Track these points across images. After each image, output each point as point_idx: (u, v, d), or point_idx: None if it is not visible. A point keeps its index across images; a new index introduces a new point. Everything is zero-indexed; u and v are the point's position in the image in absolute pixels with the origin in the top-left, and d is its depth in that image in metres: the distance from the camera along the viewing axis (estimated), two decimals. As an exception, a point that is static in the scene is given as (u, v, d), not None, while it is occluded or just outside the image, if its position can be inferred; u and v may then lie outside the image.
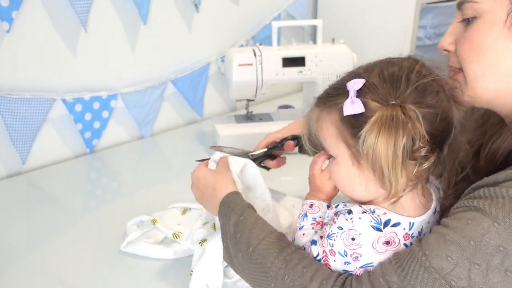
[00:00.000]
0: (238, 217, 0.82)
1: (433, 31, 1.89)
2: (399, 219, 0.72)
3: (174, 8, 1.64)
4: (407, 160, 0.67)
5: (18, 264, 1.07)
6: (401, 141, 0.65)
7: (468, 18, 0.73)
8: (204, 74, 1.76)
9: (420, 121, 0.66)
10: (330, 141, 0.75)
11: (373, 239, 0.71)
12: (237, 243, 0.81)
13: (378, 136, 0.66)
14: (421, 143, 0.67)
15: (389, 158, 0.66)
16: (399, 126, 0.66)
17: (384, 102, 0.68)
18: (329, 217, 0.78)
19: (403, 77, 0.69)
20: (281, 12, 1.90)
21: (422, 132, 0.66)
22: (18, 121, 1.38)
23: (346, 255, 0.72)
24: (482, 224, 0.64)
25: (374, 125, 0.66)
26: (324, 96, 0.76)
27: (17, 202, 1.31)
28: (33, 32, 1.37)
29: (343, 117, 0.70)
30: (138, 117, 1.64)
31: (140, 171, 1.49)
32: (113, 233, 1.15)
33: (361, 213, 0.72)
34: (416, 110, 0.66)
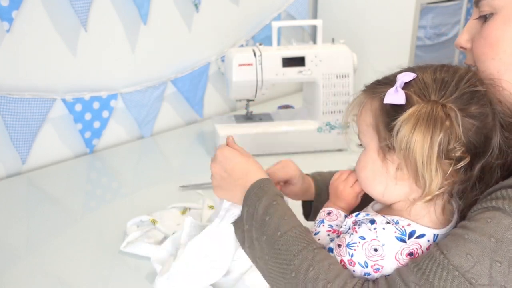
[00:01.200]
0: (271, 201, 0.80)
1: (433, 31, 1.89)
2: (423, 230, 0.70)
3: (174, 8, 1.64)
4: (442, 158, 0.66)
5: (18, 264, 1.07)
6: (437, 137, 0.64)
7: (485, 15, 0.73)
8: (204, 74, 1.76)
9: (459, 122, 0.65)
10: (365, 129, 0.74)
11: (397, 251, 0.69)
12: (264, 225, 0.78)
13: (414, 128, 0.65)
14: (457, 144, 0.65)
15: (424, 151, 0.65)
16: (438, 121, 0.64)
17: (426, 98, 0.67)
18: (347, 226, 0.76)
19: (453, 82, 0.68)
20: (281, 12, 1.90)
21: (459, 133, 0.65)
22: (18, 121, 1.38)
23: (367, 266, 0.70)
24: (502, 221, 0.63)
25: (412, 116, 0.65)
26: (373, 83, 0.75)
27: (17, 202, 1.31)
28: (33, 32, 1.37)
29: (383, 105, 0.69)
30: (138, 117, 1.64)
31: (140, 171, 1.49)
32: (113, 233, 1.15)
33: (385, 223, 0.70)
34: (457, 111, 0.65)
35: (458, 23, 1.96)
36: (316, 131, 1.55)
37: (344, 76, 1.51)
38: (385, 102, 0.69)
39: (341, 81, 1.51)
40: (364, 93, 0.75)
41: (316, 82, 1.52)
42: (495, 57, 0.72)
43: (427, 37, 1.89)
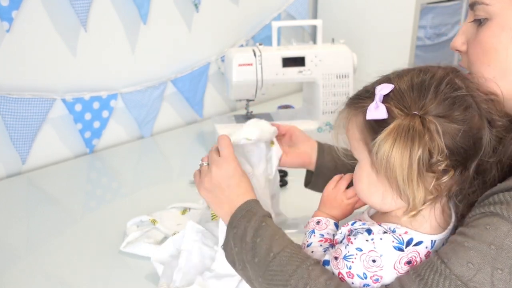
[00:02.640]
0: (260, 222, 0.80)
1: (433, 31, 1.89)
2: (421, 237, 0.70)
3: (174, 8, 1.64)
4: (424, 173, 0.65)
5: (18, 264, 1.07)
6: (416, 153, 0.63)
7: (480, 19, 0.73)
8: (204, 74, 1.76)
9: (440, 134, 0.64)
10: (355, 144, 0.73)
11: (395, 260, 0.68)
12: (255, 247, 0.78)
13: (393, 146, 0.64)
14: (440, 157, 0.64)
15: (404, 170, 0.64)
16: (416, 137, 0.63)
17: (407, 111, 0.66)
18: (342, 234, 0.76)
19: (432, 87, 0.67)
20: (281, 12, 1.90)
21: (442, 146, 0.64)
22: (18, 121, 1.38)
23: (366, 277, 0.69)
24: (501, 228, 0.62)
25: (390, 135, 0.64)
26: (354, 97, 0.74)
27: (17, 202, 1.31)
28: (33, 32, 1.37)
29: (367, 120, 0.69)
30: (138, 117, 1.64)
31: (140, 171, 1.49)
32: (113, 233, 1.15)
33: (382, 233, 0.70)
34: (437, 123, 0.64)
35: (458, 23, 1.96)
36: (316, 131, 1.54)
37: (344, 76, 1.51)
38: (367, 118, 0.68)
39: (341, 81, 1.51)
40: (348, 107, 0.74)
41: (316, 82, 1.52)
42: (491, 63, 0.71)
43: (427, 37, 1.89)
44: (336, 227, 0.85)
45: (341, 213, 0.87)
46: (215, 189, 0.88)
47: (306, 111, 1.63)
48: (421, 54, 1.88)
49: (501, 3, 0.70)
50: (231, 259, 0.83)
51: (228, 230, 0.84)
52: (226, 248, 0.84)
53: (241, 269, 0.81)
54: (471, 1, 0.75)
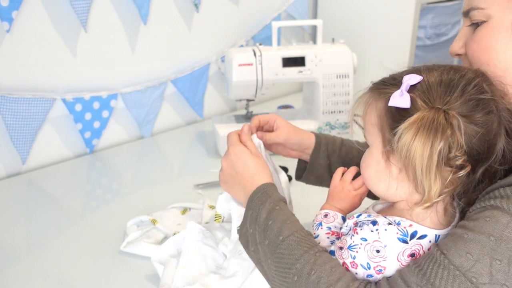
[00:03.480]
0: (273, 205, 0.81)
1: (433, 31, 1.89)
2: (425, 231, 0.70)
3: (174, 8, 1.64)
4: (442, 166, 0.66)
5: (18, 264, 1.07)
6: (438, 145, 0.64)
7: (477, 22, 0.74)
8: (204, 74, 1.77)
9: (461, 130, 0.65)
10: (370, 128, 0.74)
11: (399, 252, 0.69)
12: (267, 230, 0.79)
13: (415, 136, 0.65)
14: (458, 152, 0.65)
15: (423, 160, 0.65)
16: (439, 130, 0.64)
17: (431, 104, 0.67)
18: (349, 227, 0.77)
19: (459, 86, 0.67)
20: (281, 12, 1.90)
21: (461, 142, 0.65)
22: (18, 121, 1.38)
23: (369, 267, 0.70)
24: (501, 220, 0.63)
25: (413, 124, 0.65)
26: (379, 82, 0.75)
27: (17, 202, 1.31)
28: (33, 32, 1.37)
29: (388, 107, 0.69)
30: (138, 117, 1.64)
31: (140, 171, 1.49)
32: (113, 233, 1.15)
33: (387, 224, 0.71)
34: (460, 119, 0.65)
35: (458, 23, 1.96)
36: (316, 131, 1.55)
37: (344, 76, 1.51)
38: (390, 105, 0.69)
39: (341, 81, 1.52)
40: (370, 92, 0.75)
41: (316, 82, 1.52)
42: (490, 63, 0.72)
43: (427, 37, 1.89)
44: (343, 221, 0.85)
45: (349, 205, 0.88)
46: (228, 180, 0.92)
47: (306, 111, 1.63)
48: (421, 54, 1.88)
49: (496, 6, 0.71)
50: (245, 240, 0.84)
51: (246, 211, 0.85)
52: (242, 229, 0.85)
53: (253, 250, 0.82)
54: (465, 9, 0.76)
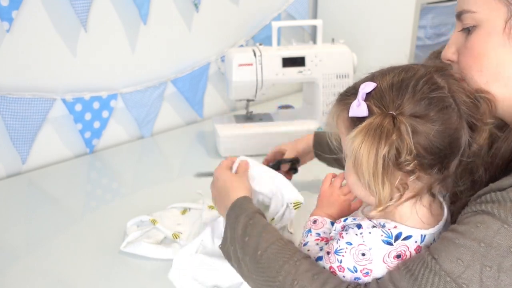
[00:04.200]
0: (248, 220, 0.83)
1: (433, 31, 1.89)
2: (410, 231, 0.71)
3: (174, 8, 1.64)
4: (390, 170, 0.66)
5: (18, 264, 1.07)
6: (382, 151, 0.64)
7: (468, 28, 0.74)
8: (204, 74, 1.77)
9: (409, 134, 0.65)
10: (343, 138, 0.75)
11: (384, 254, 0.70)
12: (245, 246, 0.80)
13: (362, 143, 0.65)
14: (408, 157, 0.65)
15: (369, 165, 0.65)
16: (383, 135, 0.65)
17: (384, 110, 0.67)
18: (336, 231, 0.77)
19: (410, 86, 0.68)
20: (281, 12, 1.90)
21: (410, 146, 0.65)
22: (18, 121, 1.38)
23: (356, 270, 0.71)
24: (492, 226, 0.63)
25: (360, 132, 0.66)
26: (343, 93, 0.76)
27: (17, 202, 1.31)
28: (33, 32, 1.37)
29: (351, 117, 0.70)
30: (138, 117, 1.64)
31: (140, 171, 1.49)
32: (113, 233, 1.15)
33: (371, 227, 0.71)
34: (408, 124, 0.65)
35: (458, 23, 1.96)
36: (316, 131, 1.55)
37: (344, 76, 1.51)
38: (350, 115, 0.70)
39: (341, 81, 1.51)
40: (337, 103, 0.76)
41: (316, 82, 1.52)
42: (482, 69, 0.72)
43: (427, 37, 1.89)
44: (332, 226, 0.85)
45: (339, 210, 0.88)
46: (215, 199, 0.98)
47: (306, 111, 1.63)
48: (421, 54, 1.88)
49: (487, 9, 0.71)
50: (228, 257, 0.86)
51: (225, 229, 0.88)
52: (224, 247, 0.87)
53: (237, 266, 0.84)
54: (458, 11, 0.76)
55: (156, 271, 1.03)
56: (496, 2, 0.70)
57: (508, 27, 0.70)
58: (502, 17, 0.70)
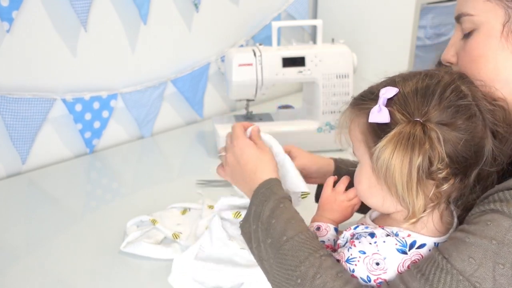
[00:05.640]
0: (278, 203, 0.79)
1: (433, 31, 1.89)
2: (424, 240, 0.70)
3: (174, 8, 1.64)
4: (423, 180, 0.65)
5: (18, 264, 1.07)
6: (416, 161, 0.63)
7: (467, 32, 0.74)
8: (204, 74, 1.77)
9: (441, 142, 0.64)
10: (357, 145, 0.73)
11: (399, 263, 0.68)
12: (270, 228, 0.77)
13: (393, 153, 0.64)
14: (440, 165, 0.64)
15: (403, 177, 0.64)
16: (416, 144, 0.63)
17: (409, 116, 0.66)
18: (345, 239, 0.75)
19: (436, 93, 0.66)
20: (281, 12, 1.90)
21: (442, 154, 0.64)
22: (18, 121, 1.38)
23: (370, 280, 0.69)
24: (502, 224, 0.62)
25: (390, 141, 0.64)
26: (358, 97, 0.74)
27: (17, 202, 1.31)
28: (33, 32, 1.37)
29: (369, 123, 0.69)
30: (138, 117, 1.64)
31: (140, 171, 1.49)
32: (113, 233, 1.15)
33: (385, 236, 0.69)
34: (438, 131, 0.64)
35: (458, 23, 1.96)
36: (316, 131, 1.55)
37: (344, 76, 1.51)
38: (370, 121, 0.68)
39: (341, 81, 1.51)
40: (351, 107, 0.74)
41: (316, 82, 1.52)
42: (480, 71, 0.72)
43: (427, 37, 1.89)
44: (335, 232, 0.83)
45: (341, 216, 0.86)
46: (234, 173, 0.89)
47: (306, 111, 1.63)
48: (421, 54, 1.88)
49: (486, 12, 0.71)
50: (248, 236, 0.82)
51: (250, 207, 0.83)
52: (245, 224, 0.83)
53: (256, 247, 0.80)
54: (456, 14, 0.77)
55: (156, 271, 1.03)
56: (494, 5, 0.71)
57: (506, 30, 0.70)
58: (500, 20, 0.70)
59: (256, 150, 0.88)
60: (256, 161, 0.87)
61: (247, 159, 0.87)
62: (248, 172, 0.87)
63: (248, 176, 0.86)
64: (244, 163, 0.87)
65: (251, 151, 0.88)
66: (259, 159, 0.87)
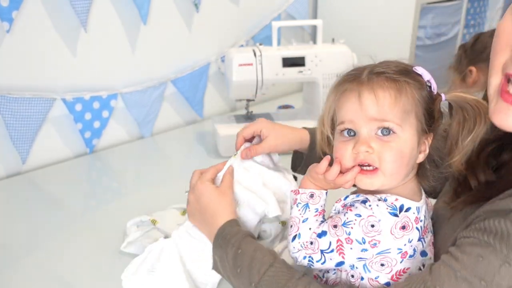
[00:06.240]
0: (236, 250, 0.82)
1: (433, 31, 1.89)
2: (409, 204, 0.73)
3: (174, 8, 1.64)
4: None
5: (18, 264, 1.07)
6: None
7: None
8: (204, 74, 1.77)
9: None
10: (400, 115, 0.73)
11: (392, 225, 0.72)
12: (239, 277, 0.81)
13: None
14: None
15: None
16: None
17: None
18: (336, 210, 0.77)
19: None
20: (281, 12, 1.90)
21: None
22: (18, 121, 1.38)
23: (364, 242, 0.72)
24: (493, 262, 0.63)
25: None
26: (392, 72, 0.82)
27: (17, 202, 1.31)
28: (33, 33, 1.37)
29: (423, 95, 0.75)
30: (138, 117, 1.64)
31: (140, 171, 1.49)
32: (113, 233, 1.15)
33: (377, 200, 0.73)
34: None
35: (458, 23, 1.96)
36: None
37: (344, 76, 1.51)
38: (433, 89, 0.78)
39: (341, 81, 1.51)
40: (397, 76, 0.81)
41: (316, 82, 1.52)
42: None
43: (427, 37, 1.89)
44: (326, 195, 0.82)
45: (330, 188, 0.82)
46: (195, 214, 0.94)
47: (306, 111, 1.63)
48: (421, 54, 1.88)
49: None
50: (226, 277, 0.86)
51: (213, 256, 0.88)
52: (216, 269, 0.88)
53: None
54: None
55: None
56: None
57: None
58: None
59: (216, 194, 0.91)
60: (214, 205, 0.90)
61: (206, 203, 0.91)
62: (206, 216, 0.90)
63: (207, 220, 0.90)
64: (204, 207, 0.91)
65: (211, 195, 0.91)
66: (216, 203, 0.90)
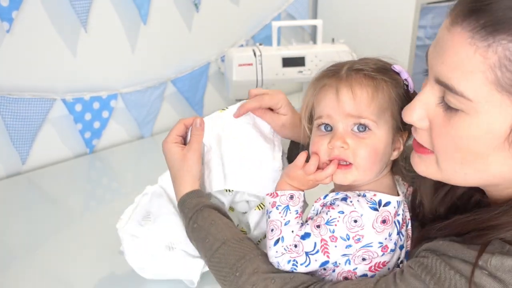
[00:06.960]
0: (192, 224, 0.85)
1: (433, 31, 1.89)
2: (388, 198, 0.75)
3: (174, 8, 1.64)
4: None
5: (18, 264, 1.07)
6: None
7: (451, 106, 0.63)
8: (204, 74, 1.77)
9: None
10: (375, 109, 0.76)
11: (373, 219, 0.73)
12: (197, 248, 0.86)
13: None
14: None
15: None
16: None
17: None
18: (316, 210, 0.77)
19: None
20: (281, 12, 1.90)
21: None
22: (18, 121, 1.38)
23: (349, 238, 0.73)
24: None
25: None
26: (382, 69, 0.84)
27: (17, 202, 1.31)
28: (33, 32, 1.37)
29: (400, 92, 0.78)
30: (138, 117, 1.64)
31: (140, 171, 1.49)
32: (113, 233, 1.15)
33: (357, 196, 0.75)
34: None
35: (458, 23, 1.96)
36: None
37: (344, 76, 1.51)
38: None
39: (341, 81, 1.51)
40: (378, 77, 0.82)
41: (316, 82, 1.52)
42: (465, 164, 0.62)
43: (427, 37, 1.89)
44: (304, 197, 0.81)
45: (308, 188, 0.81)
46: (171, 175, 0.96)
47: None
48: (421, 54, 1.87)
49: (490, 104, 0.56)
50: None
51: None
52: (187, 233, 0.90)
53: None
54: (437, 77, 0.60)
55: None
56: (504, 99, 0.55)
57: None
58: (509, 121, 0.56)
59: (176, 157, 0.93)
60: (174, 171, 0.92)
61: (169, 166, 0.95)
62: (172, 178, 0.93)
63: (173, 182, 0.93)
64: (169, 170, 0.95)
65: (170, 158, 0.94)
66: (177, 168, 0.92)
